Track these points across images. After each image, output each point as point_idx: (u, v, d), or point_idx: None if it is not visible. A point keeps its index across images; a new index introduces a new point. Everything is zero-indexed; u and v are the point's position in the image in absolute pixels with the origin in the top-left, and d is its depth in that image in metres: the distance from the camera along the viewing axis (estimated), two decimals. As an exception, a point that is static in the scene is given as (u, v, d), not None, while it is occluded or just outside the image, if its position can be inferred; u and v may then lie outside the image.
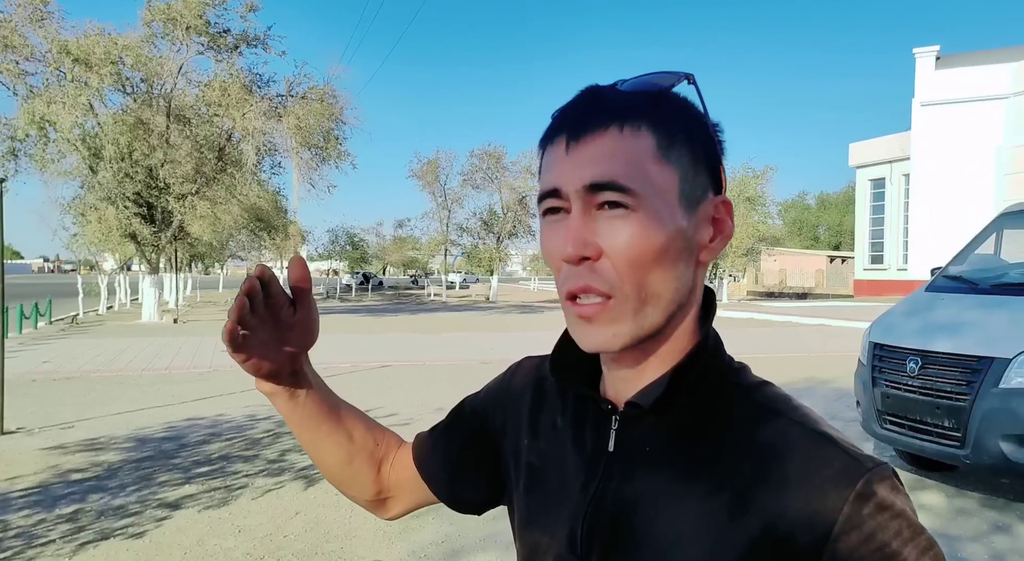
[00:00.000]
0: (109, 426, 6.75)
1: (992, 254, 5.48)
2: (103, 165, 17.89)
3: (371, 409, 7.47)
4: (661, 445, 0.68)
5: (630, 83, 0.67)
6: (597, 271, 0.63)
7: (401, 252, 44.82)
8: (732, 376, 0.70)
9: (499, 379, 0.89)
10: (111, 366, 10.94)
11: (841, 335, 15.88)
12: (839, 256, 54.66)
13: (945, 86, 29.23)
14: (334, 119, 20.67)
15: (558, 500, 0.74)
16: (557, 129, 0.66)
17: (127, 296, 29.38)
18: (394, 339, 15.61)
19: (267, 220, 28.43)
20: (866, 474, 0.59)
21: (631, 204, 0.62)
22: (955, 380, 4.40)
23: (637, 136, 0.63)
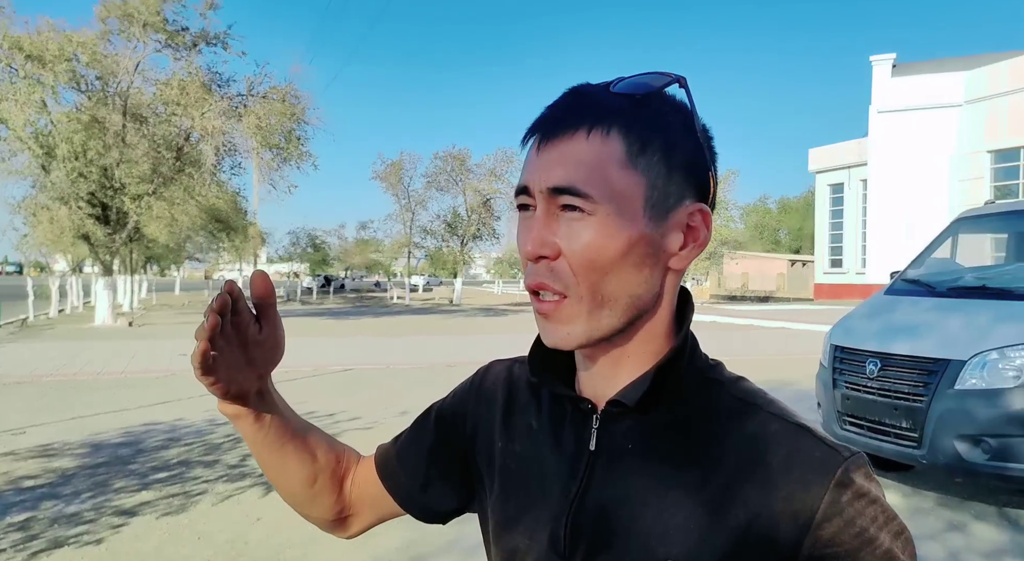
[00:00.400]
0: (63, 431, 6.56)
1: (948, 258, 5.63)
2: (56, 164, 17.40)
3: (334, 413, 7.39)
4: (643, 442, 0.68)
5: (623, 84, 0.66)
6: (554, 270, 0.65)
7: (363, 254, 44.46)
8: (709, 372, 0.71)
9: (467, 383, 0.88)
10: (64, 370, 10.63)
11: (802, 338, 16.17)
12: (800, 260, 55.70)
13: (901, 93, 30.02)
14: (296, 119, 20.39)
15: (537, 502, 0.73)
16: (533, 128, 0.67)
17: (79, 299, 28.63)
18: (357, 342, 15.46)
19: (226, 221, 27.96)
20: (843, 463, 0.62)
21: (588, 209, 0.63)
22: (913, 382, 4.50)
23: (604, 141, 0.63)
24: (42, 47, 16.31)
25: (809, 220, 52.20)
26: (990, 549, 3.91)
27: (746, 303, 35.28)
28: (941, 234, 5.81)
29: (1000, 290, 4.85)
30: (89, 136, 17.48)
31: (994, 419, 4.13)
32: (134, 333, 17.29)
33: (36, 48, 16.28)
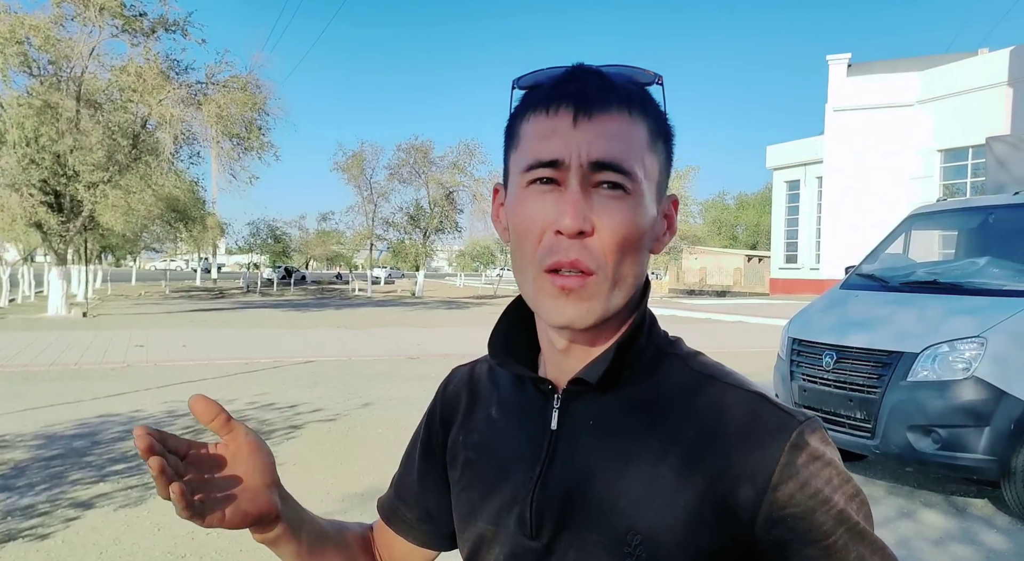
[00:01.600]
0: (15, 423, 6.39)
1: (901, 254, 5.79)
2: (5, 150, 16.84)
3: (295, 405, 7.33)
4: (604, 418, 0.70)
5: (621, 72, 0.68)
6: (588, 247, 0.64)
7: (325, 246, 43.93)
8: (668, 348, 0.73)
9: (433, 399, 0.89)
10: (14, 361, 10.34)
11: (758, 331, 16.47)
12: (756, 255, 56.61)
13: (856, 93, 30.66)
14: (257, 108, 20.05)
15: (500, 488, 0.74)
16: (559, 100, 0.65)
17: (31, 288, 27.80)
18: (318, 334, 15.30)
19: (184, 211, 27.38)
20: (799, 427, 0.64)
21: (629, 187, 0.64)
22: (867, 374, 4.63)
23: (638, 124, 0.66)
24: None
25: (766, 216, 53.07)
26: (938, 536, 4.06)
27: (704, 297, 35.77)
28: (894, 230, 5.97)
29: (951, 285, 5.01)
30: (41, 122, 16.95)
31: (944, 410, 4.27)
32: (88, 324, 16.87)
33: (-16, 29, 15.71)
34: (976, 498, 4.69)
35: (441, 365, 10.27)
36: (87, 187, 17.98)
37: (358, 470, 5.06)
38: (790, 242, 38.22)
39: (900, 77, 29.90)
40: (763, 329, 16.87)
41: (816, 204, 35.11)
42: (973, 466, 4.23)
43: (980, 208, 5.56)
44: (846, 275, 5.87)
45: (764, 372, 7.87)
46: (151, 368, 9.98)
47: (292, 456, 5.37)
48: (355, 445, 5.73)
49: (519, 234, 0.67)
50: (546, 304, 0.66)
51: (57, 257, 19.22)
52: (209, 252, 40.63)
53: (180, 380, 8.84)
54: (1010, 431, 4.15)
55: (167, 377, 9.07)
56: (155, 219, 25.55)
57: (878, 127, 29.96)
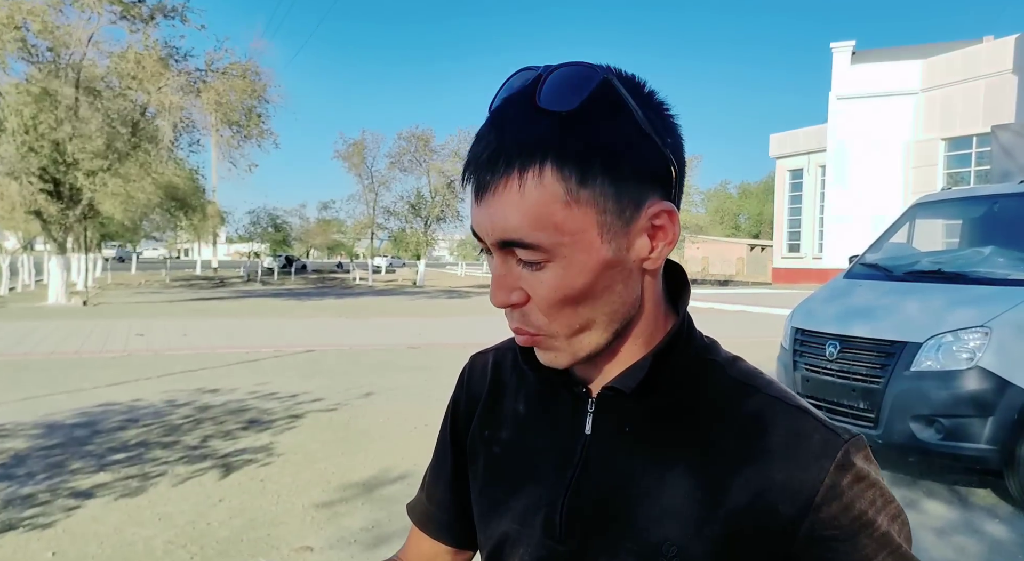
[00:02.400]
0: (15, 412, 6.37)
1: (905, 243, 5.76)
2: (4, 138, 16.77)
3: (296, 394, 7.32)
4: (641, 425, 0.68)
5: (546, 94, 0.59)
6: (527, 315, 0.64)
7: (325, 235, 43.89)
8: (705, 353, 0.70)
9: (456, 390, 0.86)
10: (15, 349, 10.33)
11: (761, 321, 16.45)
12: (759, 244, 56.59)
13: (860, 80, 30.50)
14: (256, 96, 19.95)
15: (527, 488, 0.72)
16: (468, 170, 0.63)
17: (31, 277, 27.79)
18: (319, 323, 15.29)
19: (184, 199, 27.33)
20: (844, 445, 0.62)
21: (543, 258, 0.61)
22: (870, 363, 4.61)
23: (539, 186, 0.59)
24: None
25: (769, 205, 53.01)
26: (941, 525, 4.04)
27: (706, 287, 35.76)
28: (898, 219, 5.94)
29: (955, 274, 4.98)
30: (40, 109, 16.87)
31: (947, 400, 4.25)
32: (89, 312, 16.86)
33: (-19, 16, 15.61)
34: (979, 488, 4.68)
35: (442, 354, 10.26)
36: (86, 175, 17.93)
37: (359, 459, 5.05)
38: (792, 231, 38.15)
39: (904, 65, 29.74)
40: (766, 319, 16.85)
41: (819, 193, 35.03)
42: (976, 456, 4.21)
43: (985, 197, 5.52)
44: (850, 264, 5.84)
45: (767, 362, 7.86)
46: (152, 357, 9.97)
47: (293, 446, 5.36)
48: (356, 435, 5.72)
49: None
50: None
51: (57, 245, 19.19)
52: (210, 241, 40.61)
53: (181, 369, 8.83)
54: (1014, 421, 4.14)
55: (168, 366, 9.06)
56: (155, 207, 25.52)
57: (882, 115, 29.83)
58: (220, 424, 6.03)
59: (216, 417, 6.28)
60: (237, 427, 5.93)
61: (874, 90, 30.00)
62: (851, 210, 30.21)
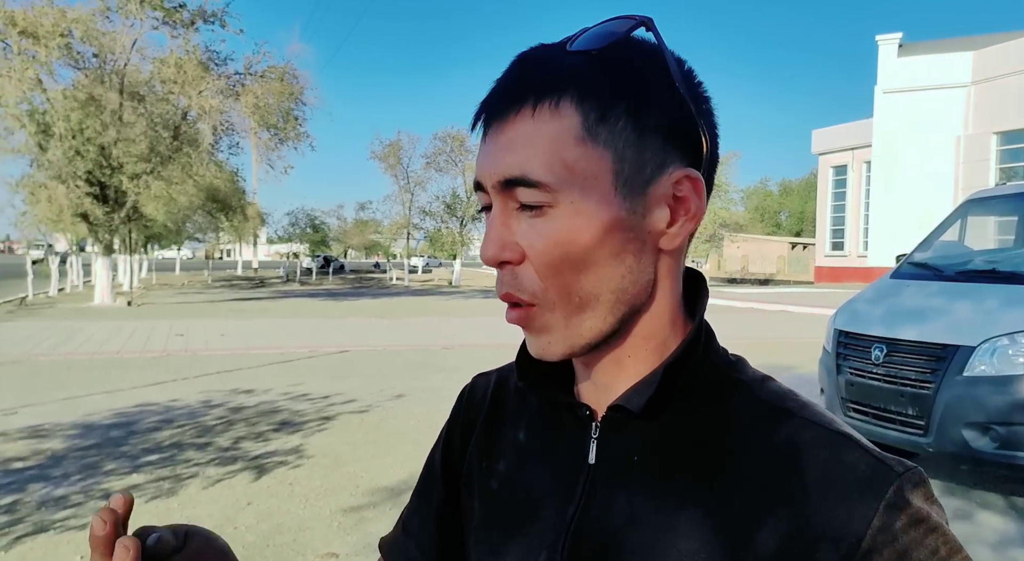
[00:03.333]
0: (55, 412, 6.47)
1: (957, 241, 5.52)
2: (53, 143, 17.24)
3: (328, 396, 7.31)
4: (652, 454, 0.58)
5: (581, 38, 0.55)
6: (519, 276, 0.55)
7: (363, 235, 44.32)
8: (729, 370, 0.59)
9: (452, 414, 0.76)
10: (59, 349, 10.55)
11: (803, 321, 16.08)
12: (801, 242, 55.61)
13: (907, 73, 29.73)
14: (293, 98, 20.20)
15: (528, 527, 0.62)
16: (477, 111, 0.57)
17: (80, 278, 28.53)
18: (354, 324, 15.38)
19: (224, 201, 27.80)
20: (896, 480, 0.50)
21: (548, 201, 0.53)
22: (920, 368, 4.40)
23: (554, 116, 0.53)
24: (36, 22, 16.09)
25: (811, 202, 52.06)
26: (997, 539, 3.83)
27: (746, 286, 35.18)
28: (949, 216, 5.69)
29: (1011, 274, 4.74)
30: (86, 114, 17.29)
31: (1003, 407, 4.04)
32: (132, 312, 17.22)
33: (30, 23, 16.05)
34: (1037, 500, 4.44)
35: (476, 355, 10.19)
36: (130, 178, 18.33)
37: (389, 463, 4.99)
38: (836, 229, 37.35)
39: (954, 57, 28.88)
40: (808, 319, 16.46)
41: (864, 190, 34.25)
42: (1035, 466, 3.99)
43: (1042, 192, 5.25)
44: (897, 264, 5.62)
45: (809, 363, 7.62)
46: (189, 357, 10.09)
47: (323, 448, 5.33)
48: (386, 437, 5.67)
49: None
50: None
51: (103, 247, 19.66)
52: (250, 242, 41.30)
53: (217, 369, 8.91)
54: (1076, 430, 3.90)
55: (204, 366, 9.15)
56: (196, 209, 26.01)
57: (930, 109, 29.02)
58: (252, 425, 6.04)
59: (249, 418, 6.30)
60: (269, 428, 5.93)
61: (922, 83, 29.21)
62: (898, 207, 29.46)
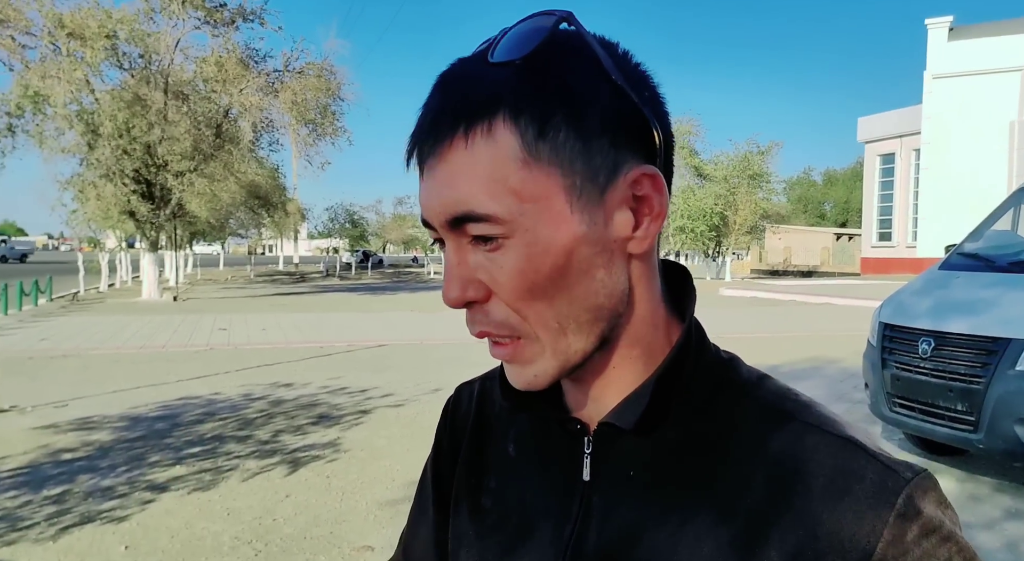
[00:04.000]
0: (103, 405, 6.64)
1: (1009, 230, 5.31)
2: (101, 142, 17.70)
3: (366, 389, 7.38)
4: (649, 467, 0.55)
5: (500, 46, 0.50)
6: (491, 313, 0.52)
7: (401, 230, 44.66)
8: (723, 372, 0.56)
9: (438, 431, 0.74)
10: (108, 344, 10.84)
11: (847, 314, 15.72)
12: (846, 233, 54.41)
13: (958, 58, 28.81)
14: (331, 94, 20.40)
15: (525, 546, 0.59)
16: (409, 146, 0.53)
17: (128, 274, 29.31)
18: (392, 318, 15.50)
19: (266, 197, 28.25)
20: (906, 487, 0.48)
21: (501, 232, 0.49)
22: (970, 362, 4.25)
23: (489, 141, 0.48)
24: (83, 24, 16.51)
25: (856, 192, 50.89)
26: (1052, 540, 3.68)
27: (789, 278, 34.54)
28: (1002, 205, 5.48)
29: (1068, 264, 4.55)
30: (132, 114, 17.72)
31: (1059, 402, 3.88)
32: (178, 307, 17.62)
33: (77, 25, 16.48)
34: (1096, 499, 4.26)
35: (513, 349, 10.16)
36: (175, 175, 18.73)
37: (424, 457, 4.92)
38: (883, 219, 36.42)
39: (1007, 40, 27.87)
40: (853, 311, 16.08)
41: (913, 178, 33.32)
42: (1093, 465, 3.83)
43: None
44: (946, 254, 5.43)
45: (853, 357, 7.44)
46: (232, 351, 10.28)
47: (360, 442, 5.37)
48: (422, 431, 5.69)
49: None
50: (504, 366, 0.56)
51: (150, 244, 20.14)
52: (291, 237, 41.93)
53: (257, 363, 9.06)
54: None
55: (246, 360, 9.31)
56: (239, 205, 26.48)
57: (982, 94, 28.08)
58: (291, 419, 6.12)
59: (288, 412, 6.38)
60: (307, 422, 6.00)
61: (974, 67, 28.26)
62: (948, 196, 28.60)
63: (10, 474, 4.64)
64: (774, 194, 35.64)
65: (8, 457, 4.99)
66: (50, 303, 18.47)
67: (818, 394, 7.18)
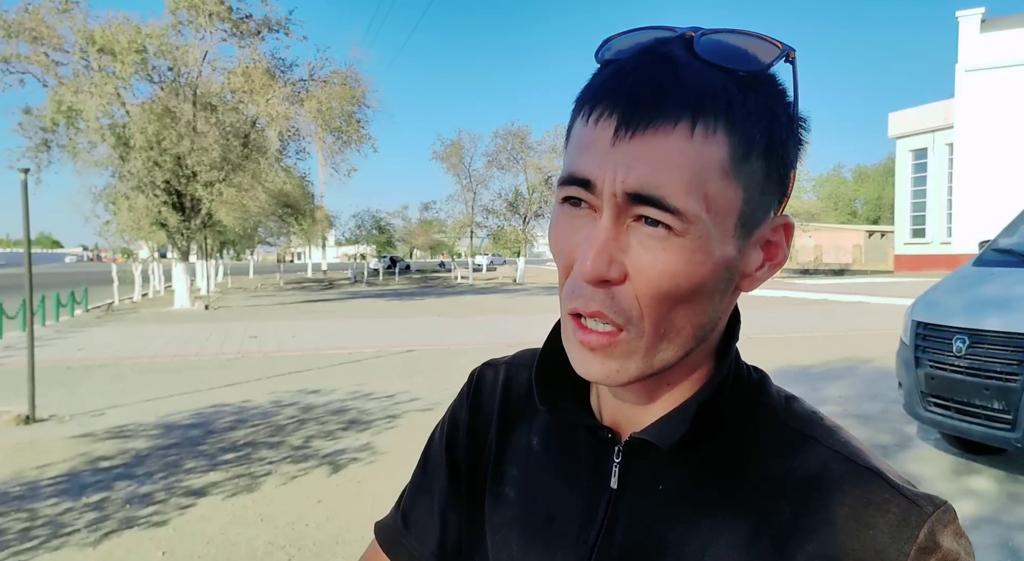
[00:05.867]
0: (138, 413, 6.77)
1: (1046, 225, 5.19)
2: (132, 154, 18.04)
3: (393, 394, 7.43)
4: (677, 482, 0.56)
5: (713, 47, 0.50)
6: (616, 297, 0.50)
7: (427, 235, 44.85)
8: (754, 393, 0.57)
9: (456, 404, 0.74)
10: (142, 353, 11.04)
11: (881, 312, 15.48)
12: (878, 230, 53.56)
13: (991, 50, 28.26)
14: (355, 102, 20.59)
15: (548, 542, 0.60)
16: (603, 104, 0.50)
17: (161, 283, 29.81)
18: (420, 323, 15.58)
19: (294, 205, 28.55)
20: (927, 521, 0.50)
21: (677, 228, 0.48)
22: (1006, 360, 4.17)
23: (708, 142, 0.48)
24: (112, 39, 16.85)
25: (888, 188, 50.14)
26: (1095, 541, 3.59)
27: (819, 277, 34.08)
28: (1037, 199, 5.36)
29: (1106, 259, 4.44)
30: (162, 126, 18.03)
31: (1100, 400, 3.78)
32: (210, 316, 17.87)
33: (107, 40, 16.83)
34: None
35: (541, 352, 10.16)
36: (204, 186, 19.02)
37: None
38: (916, 215, 35.81)
39: (1039, 30, 27.24)
40: (887, 309, 15.83)
41: (946, 173, 32.73)
42: None
43: None
44: (980, 250, 5.33)
45: (887, 356, 7.33)
46: (262, 358, 10.41)
47: (390, 446, 5.42)
48: (452, 435, 5.72)
49: (554, 255, 0.55)
50: (573, 353, 0.54)
51: (181, 253, 20.47)
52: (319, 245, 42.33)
53: (287, 370, 9.16)
54: None
55: (276, 367, 9.42)
56: (267, 214, 26.80)
57: (1017, 87, 27.51)
58: (322, 424, 6.18)
59: (319, 417, 6.45)
60: (338, 428, 6.06)
61: (1008, 60, 27.71)
62: (984, 190, 28.03)
63: (51, 482, 4.74)
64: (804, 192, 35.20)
65: (49, 465, 5.11)
66: (86, 313, 18.85)
67: (852, 393, 7.08)
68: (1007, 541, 3.59)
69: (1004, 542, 3.57)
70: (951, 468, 4.78)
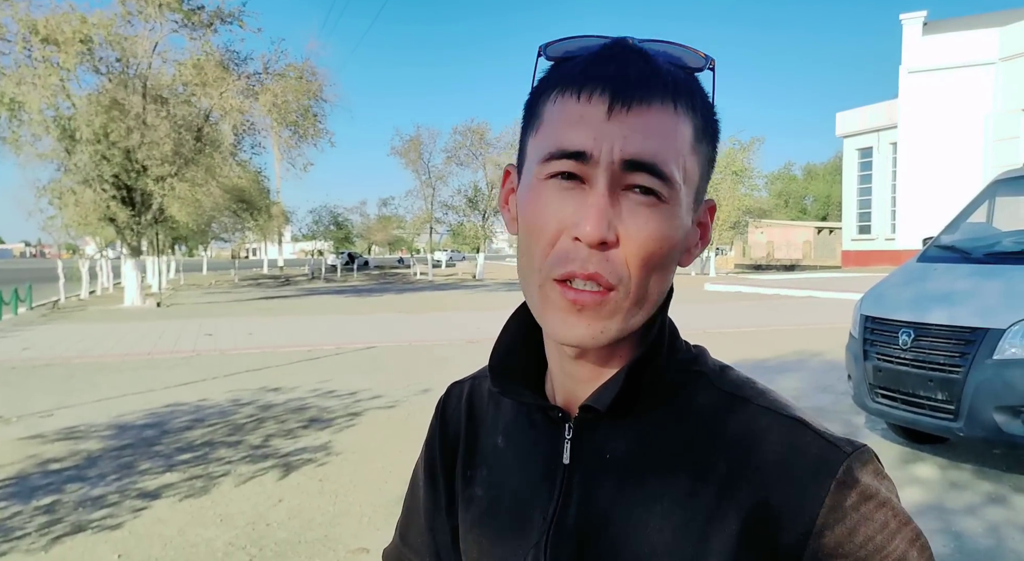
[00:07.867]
0: (89, 413, 6.60)
1: (985, 222, 5.41)
2: (79, 147, 17.51)
3: (356, 392, 7.38)
4: (623, 450, 0.61)
5: (659, 50, 0.58)
6: (610, 260, 0.55)
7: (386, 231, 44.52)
8: (691, 364, 0.63)
9: (431, 426, 0.80)
10: (92, 351, 10.75)
11: (830, 307, 15.89)
12: (827, 227, 54.90)
13: (933, 52, 29.18)
14: (312, 96, 20.31)
15: (512, 531, 0.65)
16: (593, 83, 0.55)
17: (110, 280, 29.00)
18: (379, 320, 15.47)
19: (249, 201, 28.08)
20: (845, 460, 0.55)
21: (665, 195, 0.55)
22: (949, 352, 4.34)
23: (683, 120, 0.56)
24: (56, 29, 16.32)
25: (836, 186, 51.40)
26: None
27: (771, 272, 34.81)
28: (977, 197, 5.58)
29: (1041, 255, 4.64)
30: (110, 118, 17.53)
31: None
32: (162, 313, 17.48)
33: (51, 30, 16.29)
34: (1073, 484, 4.36)
35: (501, 348, 10.19)
36: (155, 181, 18.56)
37: (416, 458, 5.00)
38: (863, 212, 36.84)
39: (980, 34, 28.27)
40: (835, 304, 16.26)
41: (891, 171, 33.73)
42: (1070, 450, 3.92)
43: (1074, 170, 5.12)
44: (924, 247, 5.53)
45: (837, 349, 7.55)
46: (218, 356, 10.23)
47: (352, 444, 5.39)
48: (414, 432, 5.71)
49: (529, 233, 0.58)
50: (554, 318, 0.57)
51: (131, 249, 19.95)
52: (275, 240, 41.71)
53: (245, 368, 9.03)
54: (1112, 412, 3.82)
55: (233, 366, 9.28)
56: (222, 210, 26.29)
57: (957, 88, 28.46)
58: (282, 423, 6.12)
59: (278, 416, 6.38)
60: (298, 426, 6.01)
61: (948, 62, 28.65)
62: (926, 188, 28.96)
63: (-2, 485, 4.61)
64: (756, 189, 35.91)
65: (-4, 468, 4.96)
66: (30, 311, 18.26)
67: (804, 386, 7.27)
68: (950, 526, 3.74)
69: (947, 527, 3.73)
70: (898, 457, 4.95)
